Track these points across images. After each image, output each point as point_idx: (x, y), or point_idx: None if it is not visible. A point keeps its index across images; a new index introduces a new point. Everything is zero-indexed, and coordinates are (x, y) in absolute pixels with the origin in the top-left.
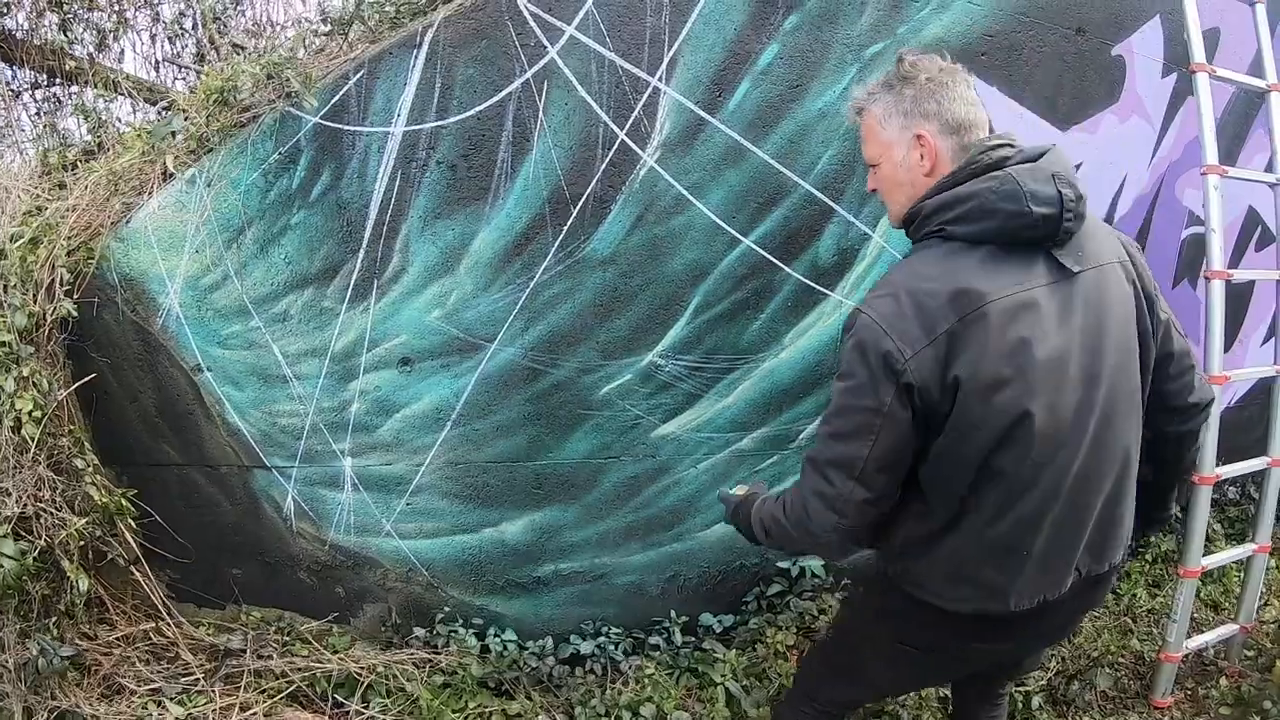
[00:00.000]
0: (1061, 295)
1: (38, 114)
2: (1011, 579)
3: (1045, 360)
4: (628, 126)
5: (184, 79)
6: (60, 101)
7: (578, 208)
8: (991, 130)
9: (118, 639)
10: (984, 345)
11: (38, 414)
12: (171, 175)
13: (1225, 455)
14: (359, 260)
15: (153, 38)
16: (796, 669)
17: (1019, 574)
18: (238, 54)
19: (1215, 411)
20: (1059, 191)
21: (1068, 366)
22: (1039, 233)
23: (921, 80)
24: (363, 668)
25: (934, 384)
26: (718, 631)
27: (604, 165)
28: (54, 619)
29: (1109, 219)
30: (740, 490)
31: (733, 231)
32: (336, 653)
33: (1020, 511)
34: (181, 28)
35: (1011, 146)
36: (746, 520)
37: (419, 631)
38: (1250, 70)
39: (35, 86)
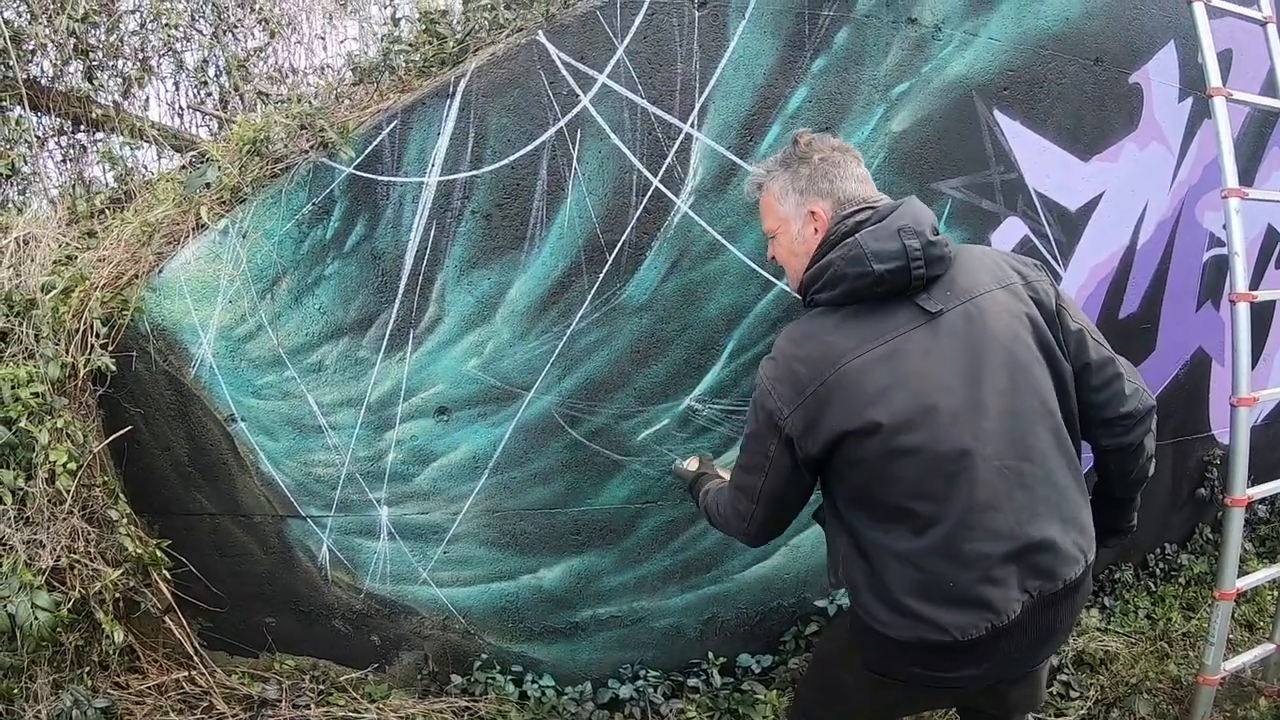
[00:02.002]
0: (926, 336)
1: (63, 161)
2: (944, 610)
3: (912, 400)
4: (661, 173)
5: (208, 125)
6: (85, 148)
7: (613, 255)
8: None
9: (149, 688)
10: (849, 398)
11: (72, 466)
12: (204, 226)
13: (1254, 473)
14: (394, 310)
15: (176, 85)
16: (794, 692)
17: (951, 605)
18: (263, 101)
19: (1243, 433)
20: (904, 245)
21: (941, 402)
22: (889, 286)
23: (815, 160)
24: (402, 717)
25: (809, 437)
26: (756, 672)
27: (638, 212)
28: (87, 669)
29: (1132, 246)
30: (692, 465)
31: (766, 275)
32: (374, 702)
33: (931, 544)
34: (206, 75)
35: (871, 209)
36: (698, 495)
37: (456, 679)
38: (1263, 89)
39: (60, 133)
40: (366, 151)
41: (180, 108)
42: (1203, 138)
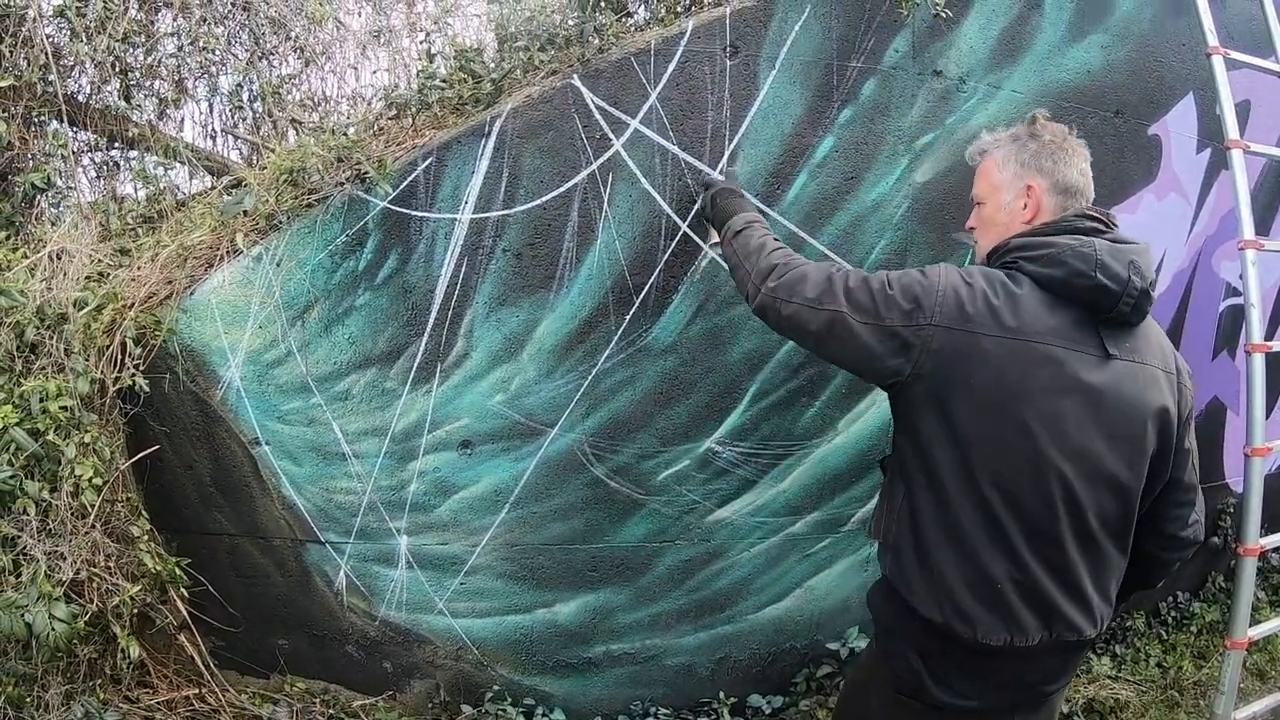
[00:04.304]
0: (1093, 371)
1: (97, 177)
2: (978, 607)
3: (1055, 414)
4: (690, 218)
5: (239, 149)
6: (118, 166)
7: (640, 297)
8: (1092, 204)
9: (159, 703)
10: (999, 369)
11: (98, 481)
12: (238, 251)
13: (1267, 522)
14: (423, 343)
15: (211, 107)
16: None
17: (986, 605)
18: (295, 128)
19: (1257, 482)
20: (1129, 276)
21: (1074, 432)
22: (1095, 299)
23: (1045, 139)
24: None
25: (938, 360)
26: (767, 713)
27: (666, 255)
28: (99, 682)
29: None
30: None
31: None
32: None
33: (998, 544)
34: (240, 99)
35: (1104, 224)
36: (731, 212)
37: (467, 710)
38: None
39: (94, 149)
40: (402, 186)
41: (214, 131)
42: (1220, 188)
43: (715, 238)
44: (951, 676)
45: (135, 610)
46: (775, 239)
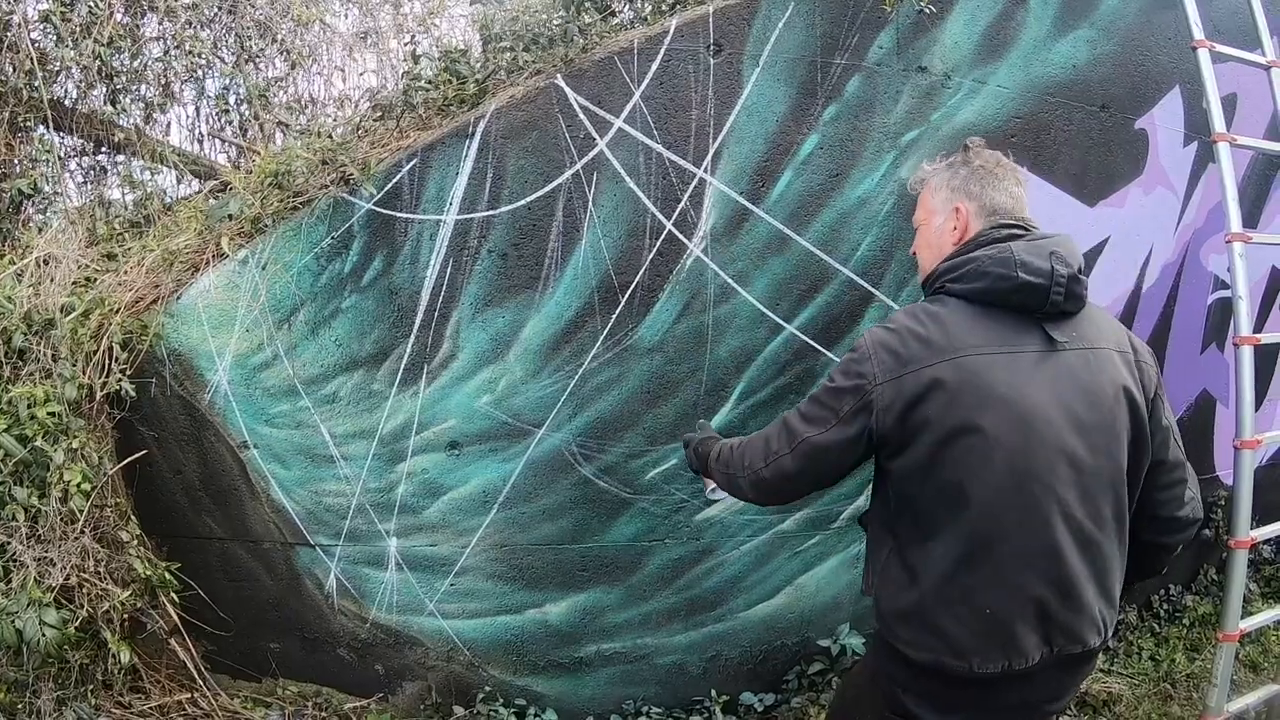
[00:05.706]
0: (1044, 365)
1: (84, 182)
2: (971, 638)
3: (1018, 419)
4: (675, 217)
5: (226, 152)
6: (105, 170)
7: (626, 296)
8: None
9: (152, 708)
10: (952, 392)
11: (86, 486)
12: (224, 255)
13: (1259, 514)
14: (409, 345)
15: (197, 111)
16: None
17: (979, 635)
18: (282, 130)
19: (1246, 475)
20: (1051, 267)
21: (1044, 431)
22: (1024, 298)
23: (976, 165)
24: None
25: (894, 412)
26: (759, 710)
27: (651, 255)
28: (91, 687)
29: (1137, 289)
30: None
31: (776, 318)
32: None
33: (985, 569)
34: (226, 103)
35: (1023, 229)
36: (708, 450)
37: (459, 711)
38: (1267, 133)
39: (81, 154)
40: (386, 188)
41: (200, 134)
42: (1207, 181)
43: (711, 485)
44: (949, 708)
45: (126, 615)
46: (734, 440)
